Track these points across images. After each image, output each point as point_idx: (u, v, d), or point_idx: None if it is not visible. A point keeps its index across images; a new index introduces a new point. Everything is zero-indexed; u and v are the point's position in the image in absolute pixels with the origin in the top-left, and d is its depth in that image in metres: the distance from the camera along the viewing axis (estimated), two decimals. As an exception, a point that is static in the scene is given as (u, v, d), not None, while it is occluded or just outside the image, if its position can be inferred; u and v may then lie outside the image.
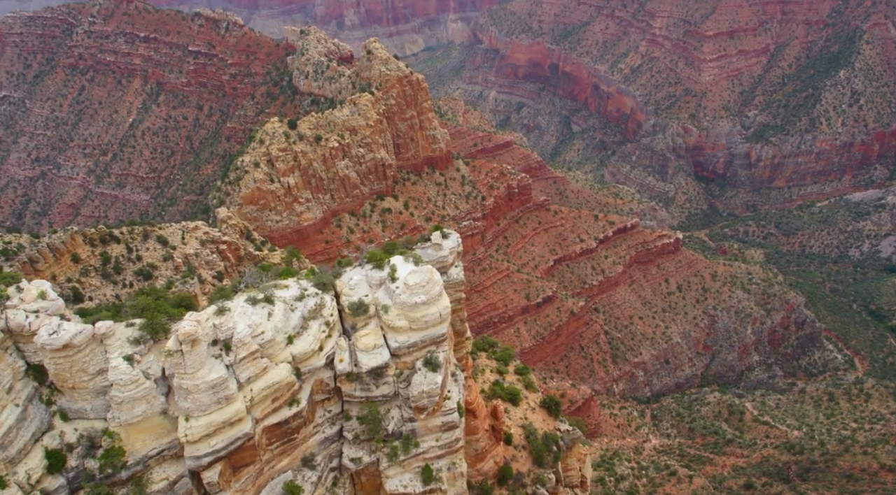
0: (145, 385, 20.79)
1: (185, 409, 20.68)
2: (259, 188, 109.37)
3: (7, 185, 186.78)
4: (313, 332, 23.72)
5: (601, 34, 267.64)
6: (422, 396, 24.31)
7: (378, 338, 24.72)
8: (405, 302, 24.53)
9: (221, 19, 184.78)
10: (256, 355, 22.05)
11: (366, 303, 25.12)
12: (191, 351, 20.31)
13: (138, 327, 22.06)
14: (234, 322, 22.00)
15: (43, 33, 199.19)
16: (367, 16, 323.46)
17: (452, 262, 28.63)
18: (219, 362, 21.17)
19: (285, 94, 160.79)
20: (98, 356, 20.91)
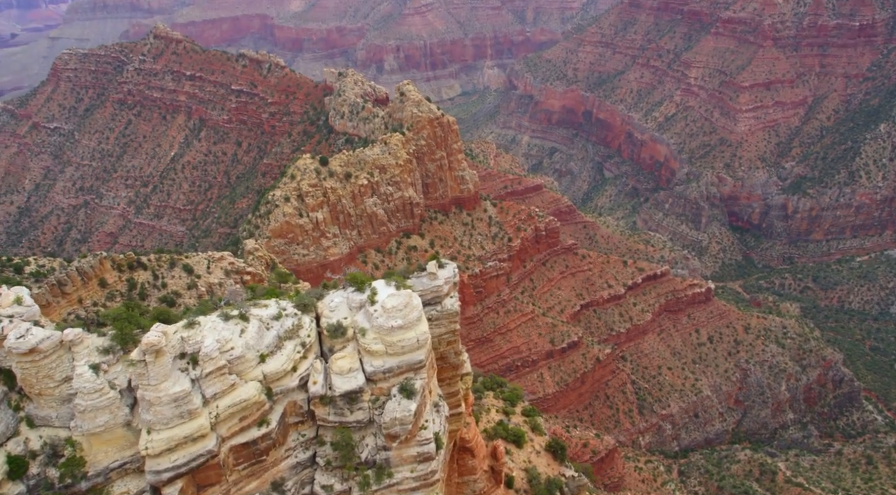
0: (109, 394, 20.76)
1: (146, 422, 20.54)
2: (288, 222, 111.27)
3: (51, 212, 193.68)
4: (287, 352, 23.54)
5: (636, 83, 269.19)
6: (394, 423, 23.68)
7: (354, 361, 24.40)
8: (381, 325, 24.27)
9: (264, 60, 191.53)
10: (224, 371, 21.90)
11: (344, 326, 24.93)
12: (154, 362, 20.28)
13: (109, 337, 22.20)
14: (203, 336, 21.99)
15: (96, 69, 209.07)
16: (406, 61, 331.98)
17: (447, 293, 28.37)
18: (184, 376, 21.08)
19: (321, 133, 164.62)
20: (65, 363, 21.05)
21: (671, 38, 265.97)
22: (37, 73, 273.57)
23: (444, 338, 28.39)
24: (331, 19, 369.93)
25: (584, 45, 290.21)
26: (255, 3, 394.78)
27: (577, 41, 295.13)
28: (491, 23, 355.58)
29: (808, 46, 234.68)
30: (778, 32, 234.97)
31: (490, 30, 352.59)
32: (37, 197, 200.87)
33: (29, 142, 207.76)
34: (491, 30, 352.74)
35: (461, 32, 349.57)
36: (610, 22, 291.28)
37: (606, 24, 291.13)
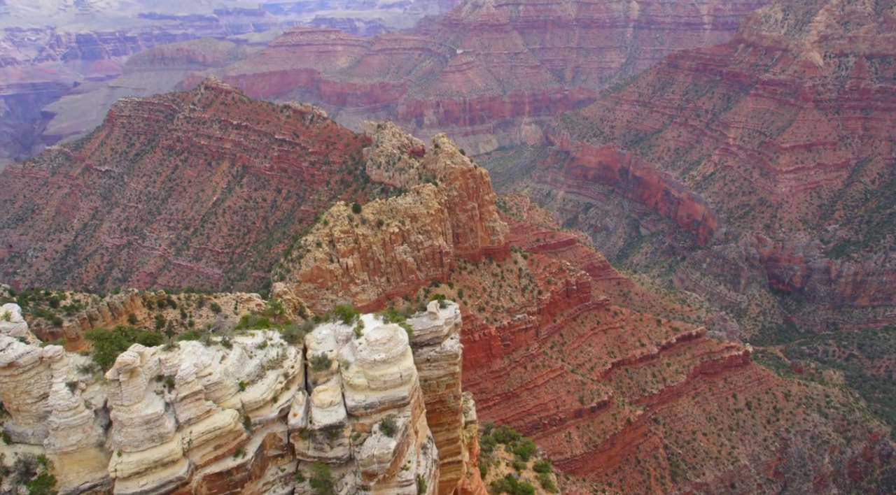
0: (84, 413, 20.72)
1: (118, 443, 20.33)
2: (318, 267, 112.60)
3: (96, 252, 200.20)
4: (268, 382, 23.27)
5: (673, 141, 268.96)
6: (371, 460, 22.87)
7: (336, 395, 23.95)
8: (365, 358, 23.88)
9: (307, 112, 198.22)
10: (199, 396, 21.69)
11: (328, 358, 24.62)
12: (128, 382, 20.25)
13: (90, 356, 22.32)
14: (181, 359, 21.93)
15: (148, 117, 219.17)
16: (446, 116, 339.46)
17: (448, 334, 27.92)
18: (159, 398, 20.96)
19: (358, 182, 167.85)
20: (44, 380, 21.17)
21: (710, 98, 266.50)
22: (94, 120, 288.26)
23: (442, 380, 27.81)
24: (375, 75, 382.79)
25: (622, 103, 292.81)
26: (304, 58, 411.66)
27: (614, 99, 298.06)
28: (529, 81, 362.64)
29: (851, 109, 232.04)
30: (819, 95, 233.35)
31: (528, 87, 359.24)
32: (83, 236, 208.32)
33: (80, 183, 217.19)
34: (529, 87, 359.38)
35: (500, 89, 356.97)
36: (648, 81, 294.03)
37: (644, 84, 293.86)
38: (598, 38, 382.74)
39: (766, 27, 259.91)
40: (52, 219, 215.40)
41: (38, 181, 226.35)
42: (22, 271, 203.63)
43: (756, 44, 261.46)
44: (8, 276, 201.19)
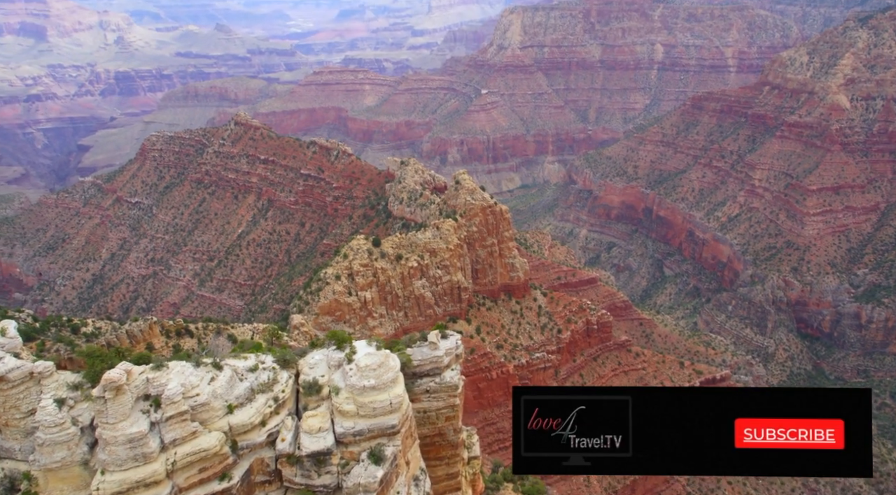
0: (69, 430, 20.74)
1: (101, 461, 20.27)
2: (337, 300, 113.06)
3: (122, 281, 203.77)
4: (257, 405, 23.13)
5: (698, 182, 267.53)
6: (357, 489, 22.41)
7: (325, 421, 23.69)
8: (354, 384, 23.68)
9: (333, 148, 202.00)
10: (186, 417, 21.61)
11: (319, 384, 24.46)
12: (114, 399, 20.28)
13: (81, 373, 22.49)
14: (168, 378, 21.97)
15: (179, 151, 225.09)
16: (469, 154, 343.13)
17: (448, 365, 27.65)
18: (145, 418, 20.93)
19: (380, 217, 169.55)
20: (33, 395, 21.33)
21: (734, 139, 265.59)
22: (128, 153, 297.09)
23: (442, 412, 27.46)
24: (401, 113, 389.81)
25: (646, 143, 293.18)
26: (332, 97, 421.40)
27: (638, 140, 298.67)
28: (553, 120, 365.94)
29: (879, 152, 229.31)
30: (846, 138, 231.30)
31: (552, 127, 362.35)
32: (111, 265, 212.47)
33: (111, 214, 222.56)
34: (553, 127, 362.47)
35: (524, 129, 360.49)
36: (672, 122, 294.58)
37: (668, 125, 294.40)
38: (622, 80, 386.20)
39: (791, 70, 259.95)
40: (82, 249, 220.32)
41: (70, 211, 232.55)
42: (50, 299, 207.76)
43: (781, 86, 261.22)
44: (36, 304, 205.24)
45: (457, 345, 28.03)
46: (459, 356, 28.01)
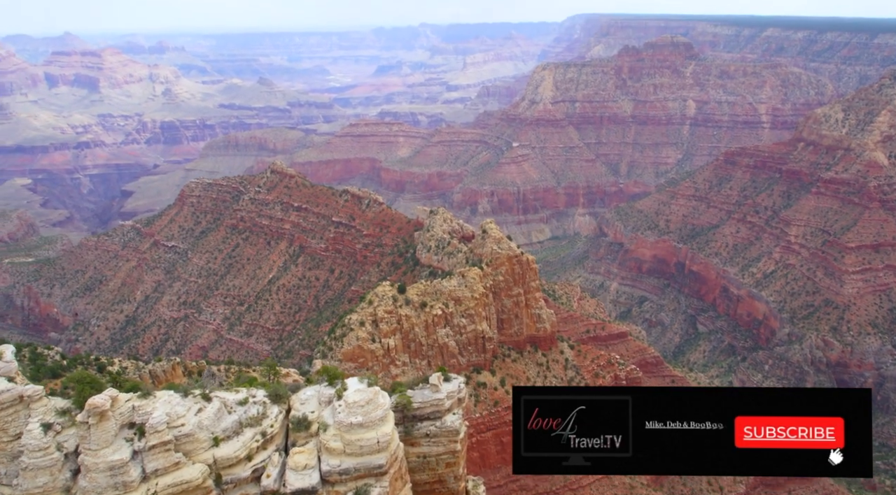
0: (53, 455, 20.63)
1: (82, 488, 20.09)
2: (360, 346, 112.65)
3: (153, 323, 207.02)
4: (244, 439, 22.80)
5: (731, 237, 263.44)
6: None
7: (312, 458, 23.17)
8: (342, 421, 23.24)
9: (364, 196, 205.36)
10: (169, 447, 21.35)
11: (309, 420, 24.07)
12: (97, 425, 20.17)
13: (71, 399, 22.49)
14: (154, 407, 21.82)
15: (216, 197, 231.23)
16: (500, 205, 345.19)
17: (449, 408, 27.06)
18: (128, 446, 20.74)
19: (407, 265, 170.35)
20: (21, 419, 21.35)
21: (769, 195, 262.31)
22: (168, 199, 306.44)
23: (442, 458, 26.78)
24: (433, 165, 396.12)
25: (678, 197, 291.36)
26: (367, 148, 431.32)
27: (669, 194, 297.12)
28: (584, 173, 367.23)
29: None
30: (885, 195, 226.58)
31: (583, 180, 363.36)
32: (144, 307, 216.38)
33: (147, 257, 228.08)
34: (584, 180, 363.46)
35: (554, 181, 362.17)
36: (704, 177, 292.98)
37: (701, 179, 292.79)
38: (653, 135, 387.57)
39: (825, 127, 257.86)
40: (118, 290, 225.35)
41: (108, 253, 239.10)
42: (83, 339, 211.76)
43: (816, 143, 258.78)
44: (70, 343, 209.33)
45: (459, 389, 27.51)
46: (462, 400, 27.43)
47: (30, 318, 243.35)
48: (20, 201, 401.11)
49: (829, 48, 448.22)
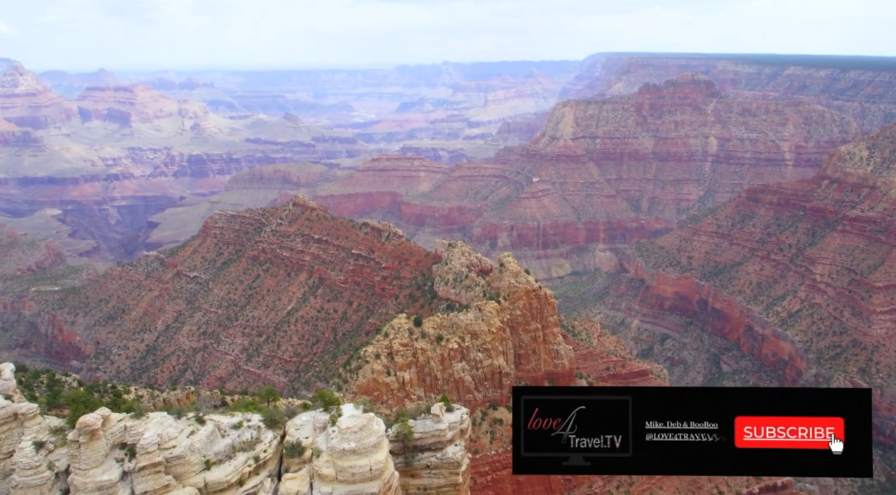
0: (44, 474, 20.50)
1: None
2: (375, 379, 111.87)
3: (173, 353, 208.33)
4: (236, 464, 22.48)
5: (755, 275, 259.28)
6: None
7: (304, 484, 22.81)
8: (334, 447, 22.87)
9: (384, 229, 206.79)
10: (159, 469, 21.11)
11: (302, 446, 23.74)
12: (88, 444, 20.04)
13: (65, 418, 22.42)
14: (146, 428, 21.65)
15: (239, 229, 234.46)
16: (519, 239, 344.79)
17: (451, 439, 26.57)
18: (118, 466, 20.55)
19: (425, 298, 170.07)
20: (14, 437, 21.31)
21: (793, 232, 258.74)
22: (193, 230, 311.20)
23: (442, 490, 26.27)
24: (453, 199, 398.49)
25: (700, 234, 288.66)
26: (389, 182, 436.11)
27: (691, 230, 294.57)
28: (605, 209, 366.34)
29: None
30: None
31: (603, 215, 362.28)
32: (164, 337, 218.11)
33: (169, 287, 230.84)
34: (604, 215, 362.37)
35: (574, 216, 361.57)
36: (727, 214, 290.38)
37: (723, 216, 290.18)
38: (675, 171, 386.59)
39: (850, 164, 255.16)
40: (139, 320, 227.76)
41: (132, 283, 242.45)
42: (104, 368, 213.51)
43: (841, 180, 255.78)
44: (91, 372, 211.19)
45: (462, 420, 27.05)
46: (465, 431, 26.96)
47: (53, 346, 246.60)
48: (49, 231, 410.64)
49: (852, 86, 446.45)
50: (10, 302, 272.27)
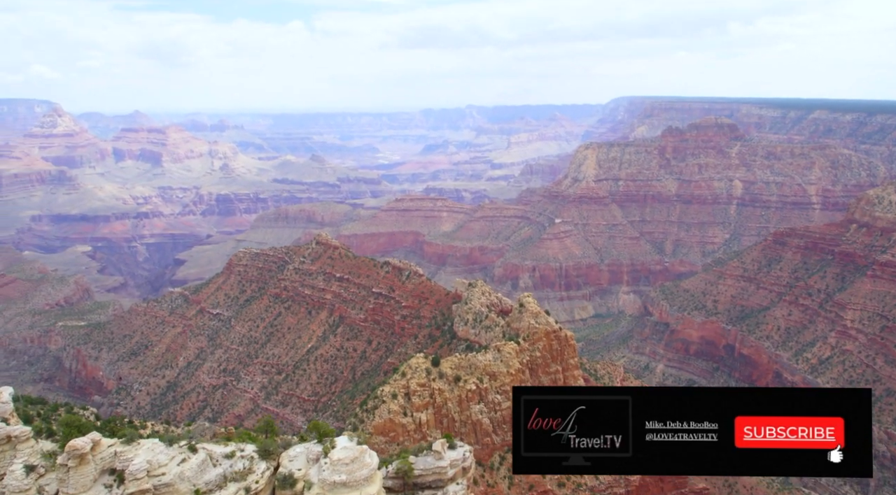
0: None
1: None
2: (392, 420, 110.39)
3: (192, 390, 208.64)
4: (227, 494, 22.00)
5: (783, 320, 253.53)
6: None
7: None
8: (325, 478, 22.39)
9: (405, 268, 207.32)
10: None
11: (295, 477, 23.24)
12: (76, 468, 19.84)
13: (59, 443, 22.27)
14: (136, 454, 21.38)
15: (262, 267, 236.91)
16: (541, 280, 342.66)
17: (453, 478, 25.96)
18: (106, 492, 20.26)
19: (444, 338, 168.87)
20: (7, 459, 21.16)
21: (822, 277, 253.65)
22: (218, 268, 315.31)
23: (443, 532, 25.52)
24: (475, 239, 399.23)
25: (725, 278, 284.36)
26: (411, 222, 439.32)
27: (717, 274, 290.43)
28: (628, 251, 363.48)
29: None
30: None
31: (627, 257, 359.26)
32: (185, 374, 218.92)
33: (192, 324, 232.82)
34: (628, 257, 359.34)
35: (597, 258, 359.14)
36: (753, 257, 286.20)
37: (749, 259, 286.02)
38: (699, 214, 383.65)
39: (879, 208, 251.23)
40: (162, 356, 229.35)
41: (156, 319, 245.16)
42: (125, 403, 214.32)
43: (870, 224, 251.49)
44: (112, 407, 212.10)
45: (465, 457, 26.45)
46: (467, 469, 26.31)
47: (76, 381, 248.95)
48: (79, 267, 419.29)
49: (879, 130, 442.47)
50: (37, 336, 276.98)
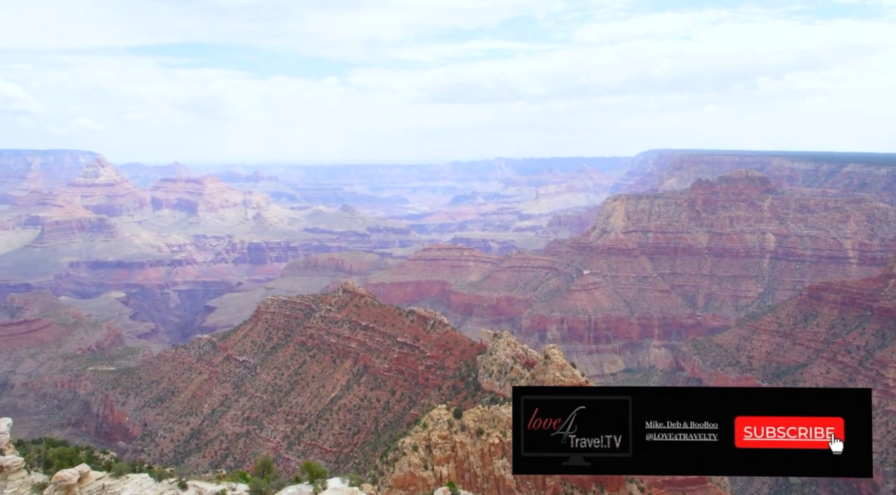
0: None
1: None
2: (412, 473, 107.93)
3: (216, 438, 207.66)
4: None
5: (822, 377, 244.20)
6: None
7: None
8: None
9: (430, 317, 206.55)
10: None
11: None
12: None
13: (50, 475, 21.99)
14: (123, 488, 20.95)
15: (289, 314, 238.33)
16: (569, 332, 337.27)
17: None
18: None
19: (468, 389, 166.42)
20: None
21: (860, 333, 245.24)
22: (247, 315, 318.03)
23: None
24: (502, 289, 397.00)
25: (759, 333, 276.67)
26: (438, 271, 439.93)
27: (751, 328, 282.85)
28: (659, 304, 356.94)
29: None
30: None
31: (658, 311, 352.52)
32: (209, 421, 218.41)
33: (219, 371, 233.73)
34: (659, 311, 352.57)
35: (627, 311, 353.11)
36: (788, 312, 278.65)
37: (784, 315, 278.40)
38: (731, 267, 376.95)
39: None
40: (187, 403, 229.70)
41: (183, 365, 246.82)
42: (149, 450, 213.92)
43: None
44: (136, 453, 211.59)
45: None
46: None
47: (103, 426, 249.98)
48: (112, 313, 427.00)
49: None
50: (67, 380, 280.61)
